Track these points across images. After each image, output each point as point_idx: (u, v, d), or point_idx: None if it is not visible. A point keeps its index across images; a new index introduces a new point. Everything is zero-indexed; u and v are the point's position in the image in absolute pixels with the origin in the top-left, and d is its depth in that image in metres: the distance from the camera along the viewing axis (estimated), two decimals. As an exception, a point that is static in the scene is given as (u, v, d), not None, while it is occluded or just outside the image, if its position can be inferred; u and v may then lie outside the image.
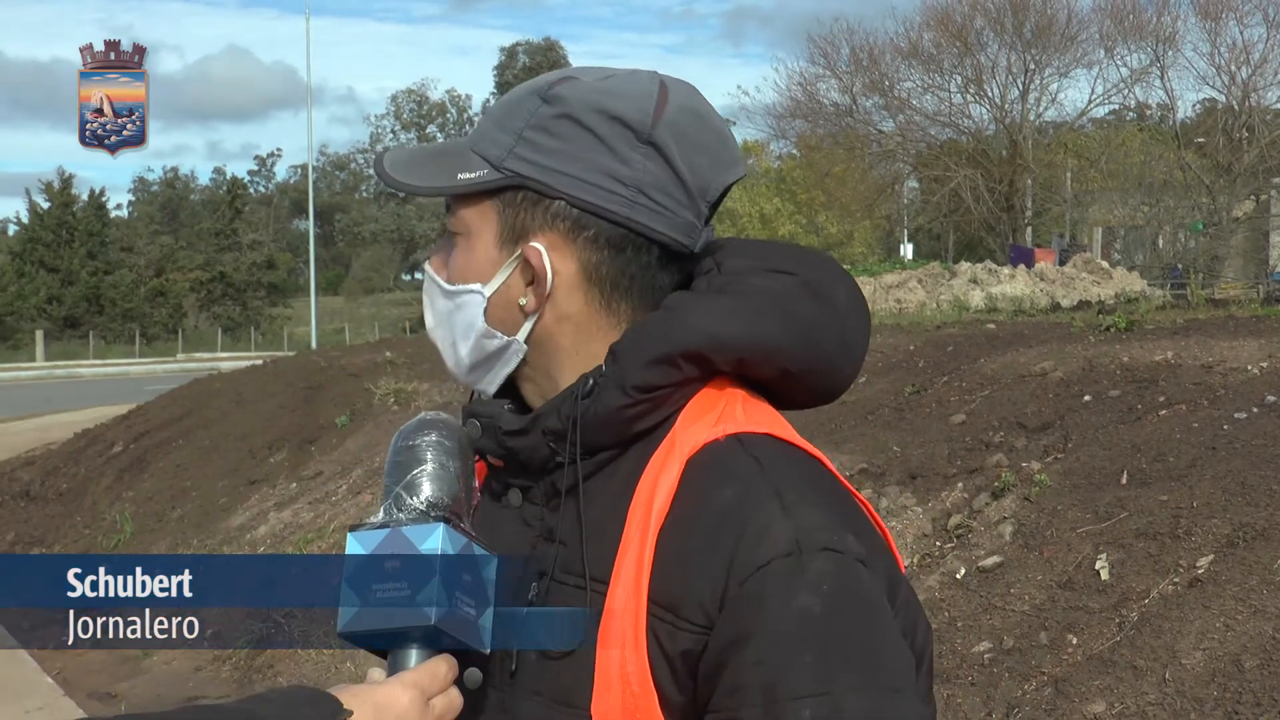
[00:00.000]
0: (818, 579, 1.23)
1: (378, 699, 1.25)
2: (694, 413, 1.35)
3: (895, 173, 47.65)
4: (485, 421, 1.41)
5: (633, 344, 1.34)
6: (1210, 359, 7.26)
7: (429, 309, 1.46)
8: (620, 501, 1.33)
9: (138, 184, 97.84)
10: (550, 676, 1.32)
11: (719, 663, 1.23)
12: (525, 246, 1.36)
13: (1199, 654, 4.59)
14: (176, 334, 67.26)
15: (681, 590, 1.26)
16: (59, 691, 8.01)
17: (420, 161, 1.42)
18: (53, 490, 14.79)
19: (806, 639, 1.21)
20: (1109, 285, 25.88)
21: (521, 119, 1.36)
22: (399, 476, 1.36)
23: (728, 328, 1.34)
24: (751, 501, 1.27)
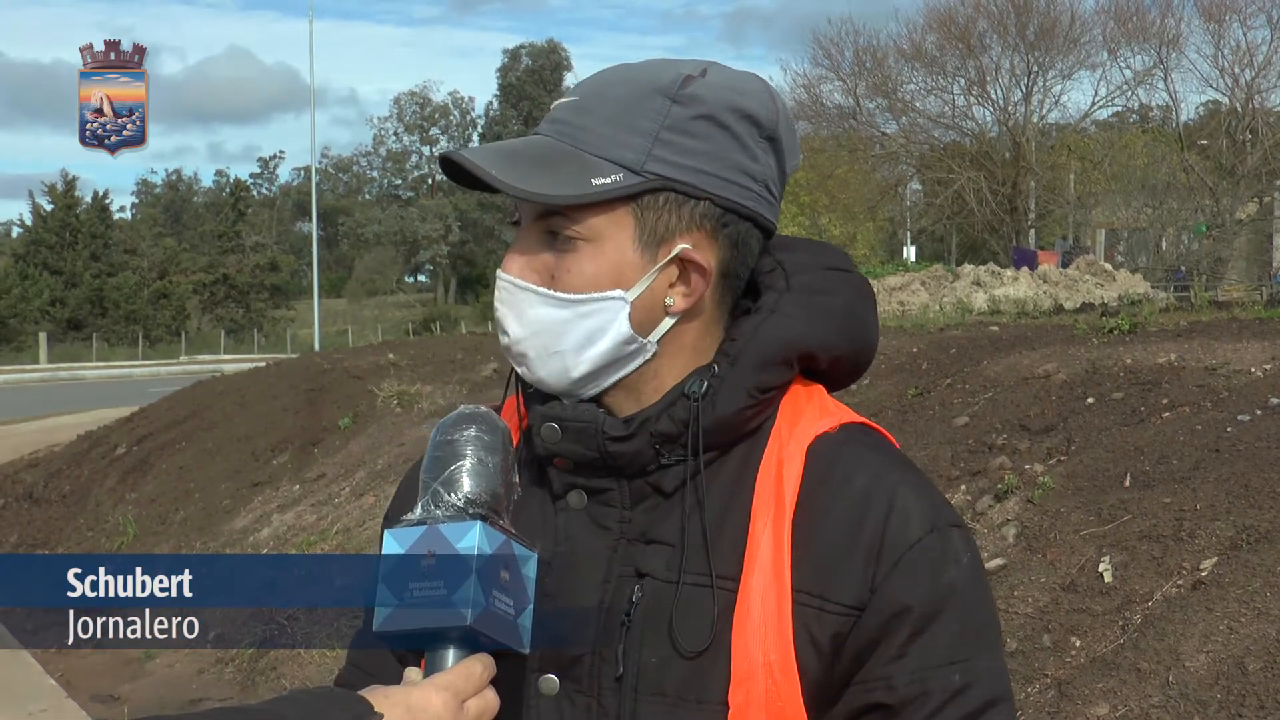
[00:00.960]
0: (957, 554, 1.35)
1: (411, 701, 1.23)
2: (792, 408, 1.42)
3: (898, 175, 47.71)
4: (580, 426, 1.38)
5: (749, 347, 1.38)
6: (1214, 361, 7.25)
7: (514, 319, 1.39)
8: (734, 499, 1.37)
9: (141, 186, 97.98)
10: (677, 675, 1.33)
11: (873, 638, 1.31)
12: (677, 248, 1.36)
13: (1202, 656, 4.59)
14: (180, 336, 67.30)
15: (829, 575, 1.32)
16: (62, 693, 8.01)
17: (525, 167, 1.35)
18: (56, 492, 14.79)
19: (954, 611, 1.32)
20: (1112, 287, 25.85)
21: (652, 120, 1.35)
22: (437, 472, 1.34)
23: (830, 328, 1.42)
24: (886, 486, 1.35)
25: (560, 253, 1.37)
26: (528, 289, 1.38)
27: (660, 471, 1.39)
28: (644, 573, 1.37)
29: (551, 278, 1.37)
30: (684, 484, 1.38)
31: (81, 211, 69.89)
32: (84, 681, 8.34)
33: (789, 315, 1.39)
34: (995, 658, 1.35)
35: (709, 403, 1.37)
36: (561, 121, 1.38)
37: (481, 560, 1.28)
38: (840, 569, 1.32)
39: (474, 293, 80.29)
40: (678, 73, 1.38)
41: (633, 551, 1.39)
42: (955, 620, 1.32)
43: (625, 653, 1.35)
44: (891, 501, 1.34)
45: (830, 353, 1.42)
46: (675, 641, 1.33)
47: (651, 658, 1.34)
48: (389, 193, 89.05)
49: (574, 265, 1.36)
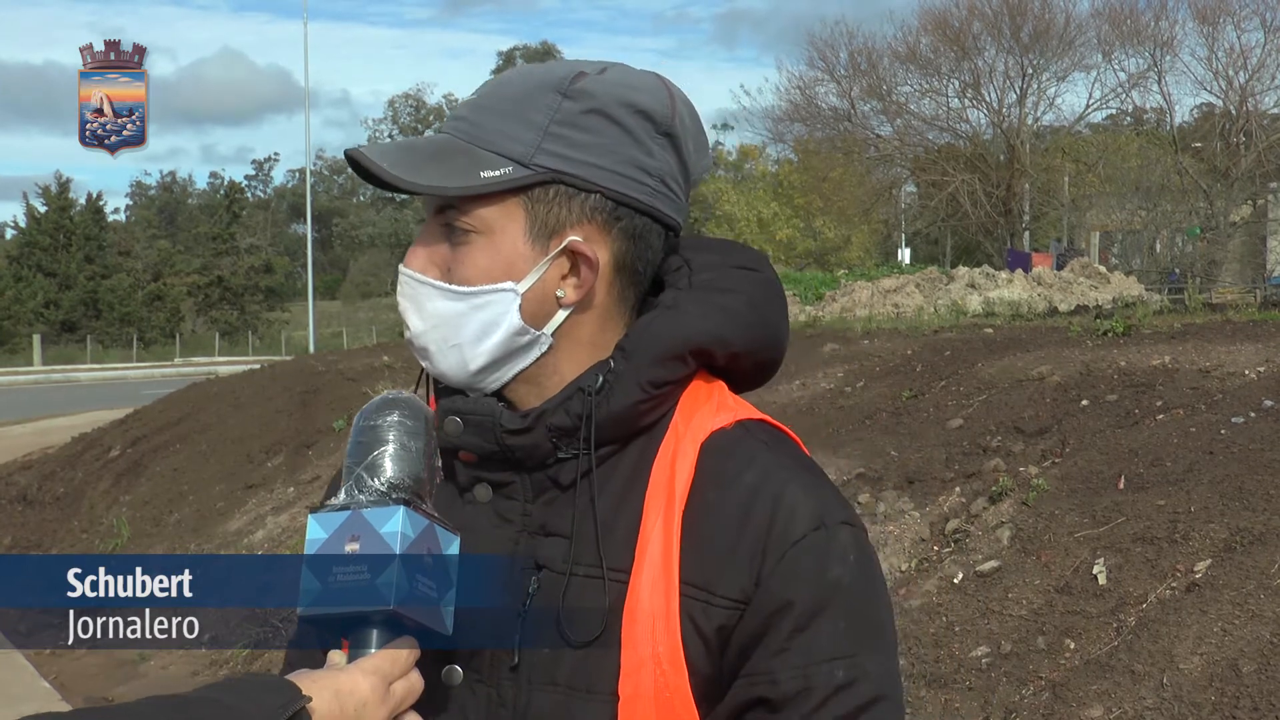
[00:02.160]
0: (844, 552, 1.35)
1: (339, 685, 1.25)
2: (690, 404, 1.43)
3: (893, 177, 47.67)
4: (479, 419, 1.41)
5: (643, 342, 1.40)
6: (1207, 363, 7.26)
7: (415, 313, 1.43)
8: (628, 493, 1.39)
9: (135, 188, 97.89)
10: (568, 665, 1.35)
11: (756, 632, 1.33)
12: (567, 240, 1.38)
13: (1196, 658, 4.59)
14: (174, 338, 67.25)
15: (715, 569, 1.34)
16: (56, 696, 8.00)
17: (418, 161, 1.38)
18: (50, 494, 14.78)
19: (839, 608, 1.33)
20: (1106, 290, 25.86)
21: (543, 114, 1.38)
22: (360, 457, 1.35)
23: (727, 324, 1.43)
24: (774, 483, 1.37)
25: (455, 245, 1.39)
26: (426, 283, 1.41)
27: (558, 464, 1.41)
28: (540, 565, 1.39)
29: (449, 270, 1.40)
30: (580, 477, 1.39)
31: (76, 213, 69.81)
32: (78, 684, 8.33)
33: (684, 311, 1.41)
34: (883, 657, 1.35)
35: (604, 397, 1.39)
36: (460, 118, 1.41)
37: (405, 544, 1.29)
38: (726, 563, 1.34)
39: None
40: (572, 69, 1.41)
41: (532, 544, 1.40)
42: (840, 617, 1.33)
43: (521, 643, 1.37)
44: (779, 497, 1.35)
45: (727, 349, 1.43)
46: (564, 632, 1.35)
47: (544, 647, 1.36)
48: (383, 195, 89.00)
49: (467, 258, 1.38)
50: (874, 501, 6.73)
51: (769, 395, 9.18)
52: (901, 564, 6.16)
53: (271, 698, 1.20)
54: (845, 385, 9.41)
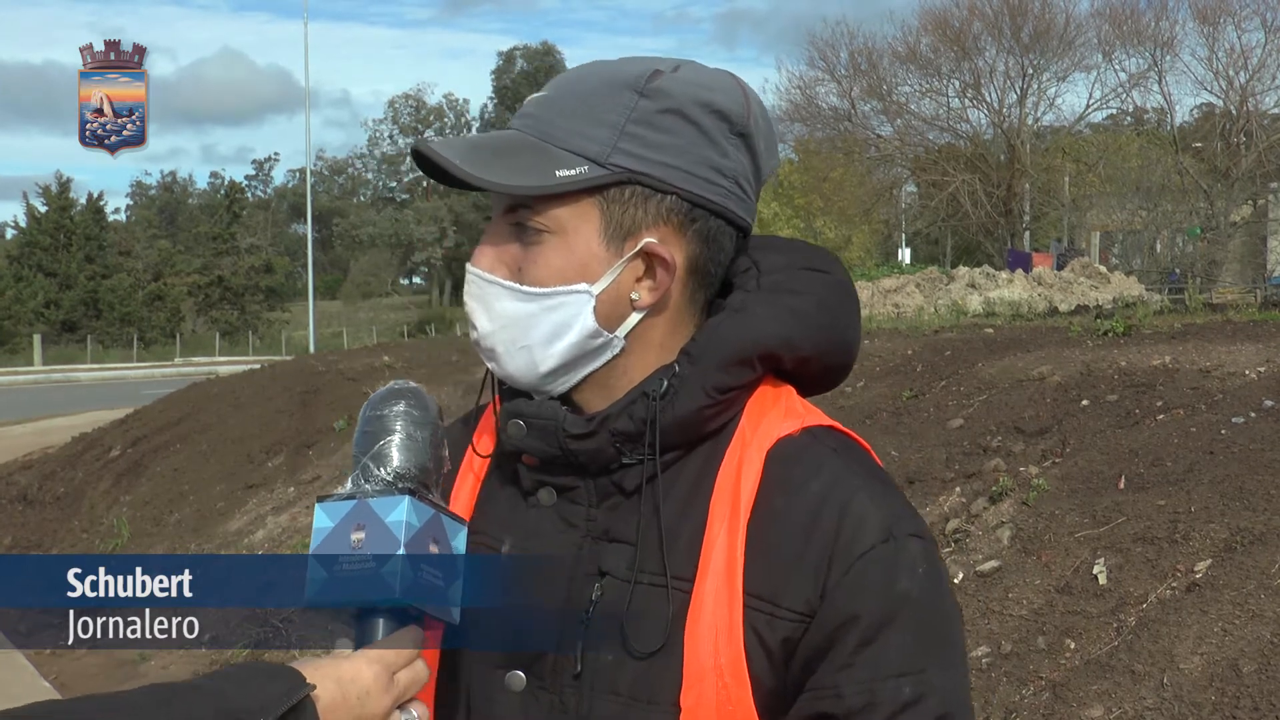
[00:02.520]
0: (912, 564, 1.31)
1: (342, 674, 1.25)
2: (758, 409, 1.40)
3: (893, 177, 47.68)
4: (542, 423, 1.39)
5: (709, 346, 1.37)
6: (1208, 363, 7.26)
7: (483, 313, 1.40)
8: (693, 500, 1.36)
9: (135, 188, 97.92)
10: (630, 675, 1.33)
11: (822, 645, 1.29)
12: (643, 242, 1.36)
13: (1197, 658, 4.59)
14: (174, 338, 67.25)
15: (780, 580, 1.31)
16: (56, 696, 8.00)
17: (489, 159, 1.35)
18: (50, 494, 14.78)
19: (906, 621, 1.29)
20: (1107, 290, 25.86)
21: (618, 113, 1.35)
22: (367, 446, 1.35)
23: (795, 328, 1.40)
24: (842, 492, 1.33)
25: (527, 245, 1.37)
26: (495, 282, 1.38)
27: (622, 470, 1.39)
28: (604, 571, 1.37)
29: (519, 270, 1.37)
30: (644, 483, 1.37)
31: (76, 213, 69.82)
32: (79, 684, 8.33)
33: (751, 314, 1.38)
34: (952, 673, 1.32)
35: (668, 402, 1.36)
36: (531, 115, 1.39)
37: (410, 533, 1.29)
38: (792, 574, 1.31)
39: (469, 295, 80.00)
40: (647, 67, 1.38)
41: (596, 550, 1.39)
42: (907, 631, 1.29)
43: (584, 651, 1.35)
44: (846, 507, 1.32)
45: (795, 353, 1.40)
46: (627, 641, 1.33)
47: (607, 656, 1.34)
48: (384, 195, 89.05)
49: (540, 258, 1.36)
50: (874, 501, 6.73)
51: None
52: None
53: (273, 685, 1.20)
54: (845, 385, 9.40)
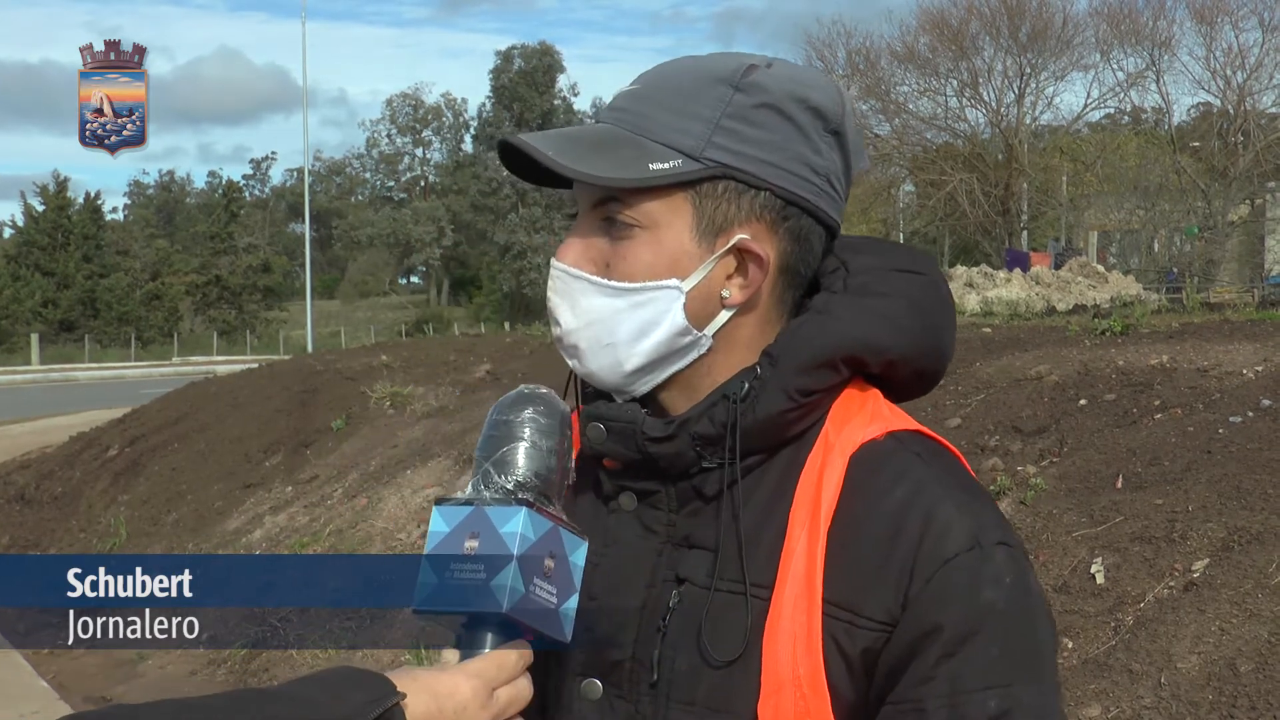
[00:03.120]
0: (999, 573, 1.26)
1: (438, 687, 1.21)
2: (842, 413, 1.36)
3: (891, 176, 47.67)
4: (622, 426, 1.36)
5: (792, 348, 1.34)
6: (1205, 363, 7.26)
7: (568, 309, 1.36)
8: (775, 505, 1.33)
9: (133, 187, 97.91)
10: (707, 685, 1.30)
11: (903, 656, 1.25)
12: (736, 238, 1.33)
13: (1194, 658, 4.60)
14: (172, 337, 67.21)
15: (861, 589, 1.27)
16: (55, 695, 8.00)
17: (583, 151, 1.32)
18: (48, 494, 14.77)
19: (992, 633, 1.24)
20: (1104, 289, 25.85)
21: (713, 107, 1.32)
22: (490, 451, 1.32)
23: (882, 331, 1.36)
24: (927, 499, 1.29)
25: (616, 240, 1.34)
26: (582, 277, 1.35)
27: (703, 474, 1.35)
28: (683, 578, 1.34)
29: (607, 266, 1.34)
30: (724, 488, 1.34)
31: (74, 212, 69.76)
32: (77, 683, 8.33)
33: (835, 317, 1.35)
34: (1041, 688, 1.25)
35: (749, 405, 1.33)
36: (622, 109, 1.36)
37: (524, 545, 1.25)
38: (873, 583, 1.27)
39: (467, 294, 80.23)
40: (741, 62, 1.36)
41: (675, 556, 1.36)
42: (993, 643, 1.24)
43: (661, 659, 1.32)
44: (931, 514, 1.28)
45: (881, 356, 1.36)
46: (704, 650, 1.30)
47: (683, 665, 1.31)
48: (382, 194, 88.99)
49: (630, 253, 1.33)
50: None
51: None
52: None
53: (360, 694, 1.17)
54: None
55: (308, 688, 1.18)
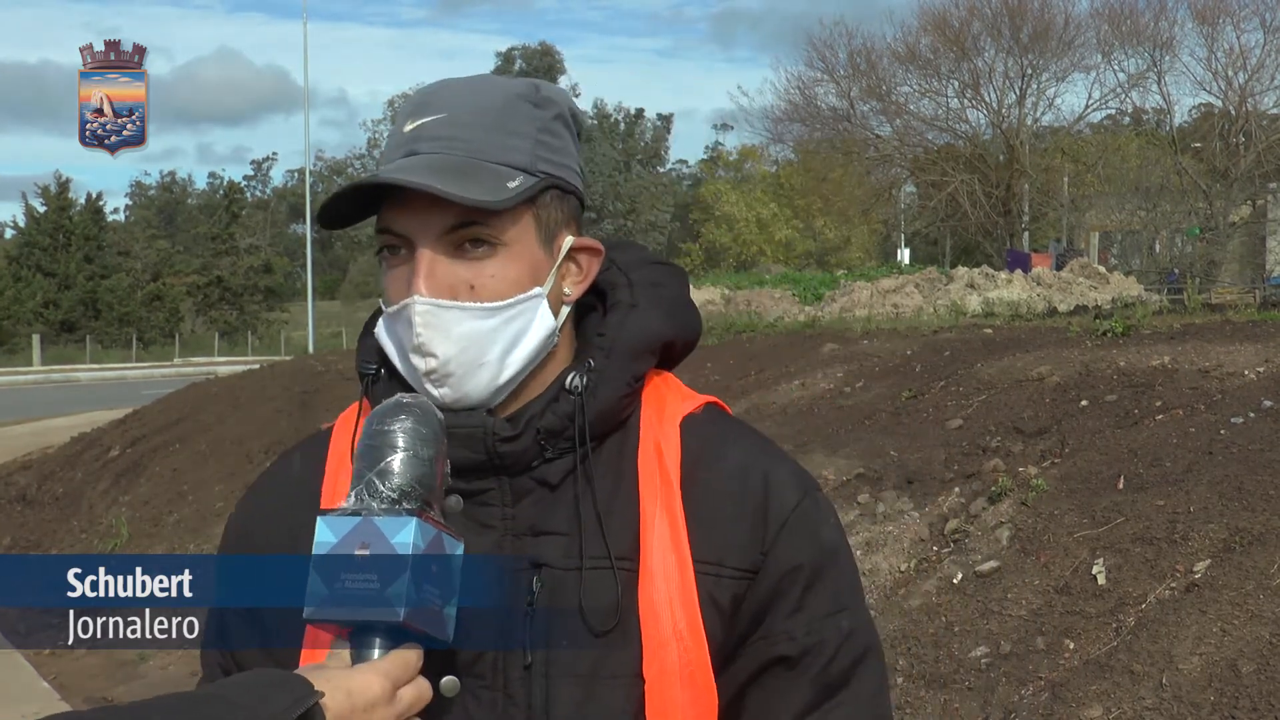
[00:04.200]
0: (826, 514, 1.50)
1: (351, 685, 1.25)
2: (654, 395, 1.51)
3: (892, 178, 47.70)
4: (468, 431, 1.41)
5: (622, 338, 1.47)
6: (1207, 364, 7.26)
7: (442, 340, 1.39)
8: (617, 484, 1.45)
9: (135, 188, 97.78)
10: (588, 655, 1.39)
11: (767, 597, 1.44)
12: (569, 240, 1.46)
13: (1196, 659, 4.59)
14: (173, 338, 67.23)
15: (721, 544, 1.43)
16: (56, 696, 8.00)
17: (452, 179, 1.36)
18: (49, 494, 14.77)
19: (835, 564, 1.48)
20: (1106, 290, 25.86)
21: (528, 123, 1.43)
22: (371, 461, 1.33)
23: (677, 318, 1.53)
24: (759, 459, 1.49)
25: (478, 261, 1.39)
26: (453, 306, 1.39)
27: (545, 465, 1.44)
28: (539, 563, 1.41)
29: (470, 289, 1.39)
30: (569, 475, 1.43)
31: (75, 213, 69.76)
32: (78, 684, 8.33)
33: (646, 309, 1.49)
34: (863, 605, 1.51)
35: (589, 395, 1.43)
36: (446, 138, 1.41)
37: (416, 556, 1.29)
38: (731, 537, 1.43)
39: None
40: (523, 80, 1.48)
41: (521, 545, 1.42)
42: (838, 573, 1.47)
43: (531, 641, 1.39)
44: (768, 472, 1.47)
45: (682, 339, 1.54)
46: (587, 622, 1.39)
47: (562, 640, 1.39)
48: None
49: (498, 271, 1.40)
50: (873, 501, 6.73)
51: (769, 396, 9.16)
52: (901, 564, 6.16)
53: (282, 694, 1.20)
54: (845, 385, 9.40)
55: (229, 690, 1.22)
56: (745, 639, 1.44)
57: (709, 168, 78.37)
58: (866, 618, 1.50)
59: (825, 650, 1.44)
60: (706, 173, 76.81)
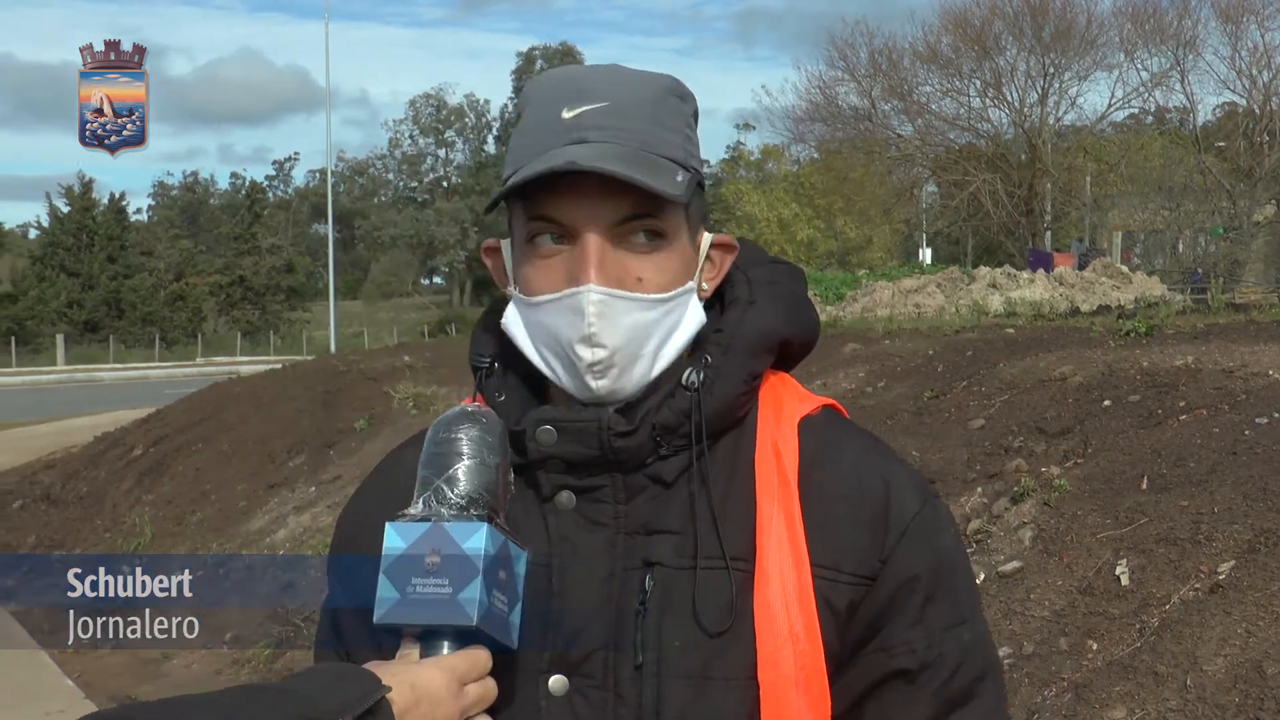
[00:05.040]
0: (945, 522, 1.47)
1: (415, 679, 1.26)
2: (771, 394, 1.49)
3: (914, 177, 47.63)
4: (582, 426, 1.39)
5: (740, 335, 1.45)
6: (1231, 364, 7.23)
7: (611, 330, 1.37)
8: (732, 484, 1.42)
9: (157, 188, 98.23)
10: (701, 656, 1.37)
11: (884, 606, 1.40)
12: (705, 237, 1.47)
13: (1220, 660, 4.57)
14: (196, 338, 67.46)
15: (839, 548, 1.40)
16: (80, 694, 8.04)
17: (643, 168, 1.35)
18: (73, 493, 14.84)
19: (954, 575, 1.44)
20: (1128, 290, 25.77)
21: (678, 118, 1.43)
22: (438, 468, 1.34)
23: (796, 316, 1.51)
24: (878, 464, 1.46)
25: (646, 254, 1.38)
26: (625, 296, 1.37)
27: (659, 462, 1.41)
28: (653, 561, 1.39)
29: (638, 281, 1.38)
30: (684, 473, 1.41)
31: (98, 214, 70.11)
32: (101, 682, 8.37)
33: (764, 307, 1.47)
34: (984, 619, 1.48)
35: (707, 391, 1.41)
36: (613, 128, 1.38)
37: (487, 560, 1.29)
38: (849, 542, 1.40)
39: (489, 295, 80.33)
40: (667, 75, 1.46)
41: (634, 543, 1.41)
42: (957, 584, 1.44)
43: (643, 641, 1.37)
44: (886, 477, 1.44)
45: (800, 338, 1.52)
46: (700, 623, 1.36)
47: (674, 641, 1.37)
48: (405, 195, 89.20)
49: (664, 264, 1.39)
50: (895, 502, 6.71)
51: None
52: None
53: (349, 688, 1.22)
54: (866, 385, 9.39)
55: (302, 683, 1.23)
56: (860, 647, 1.41)
57: (730, 167, 78.32)
58: (985, 631, 1.47)
59: (946, 664, 1.40)
60: (728, 172, 76.74)
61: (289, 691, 1.21)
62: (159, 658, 8.69)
